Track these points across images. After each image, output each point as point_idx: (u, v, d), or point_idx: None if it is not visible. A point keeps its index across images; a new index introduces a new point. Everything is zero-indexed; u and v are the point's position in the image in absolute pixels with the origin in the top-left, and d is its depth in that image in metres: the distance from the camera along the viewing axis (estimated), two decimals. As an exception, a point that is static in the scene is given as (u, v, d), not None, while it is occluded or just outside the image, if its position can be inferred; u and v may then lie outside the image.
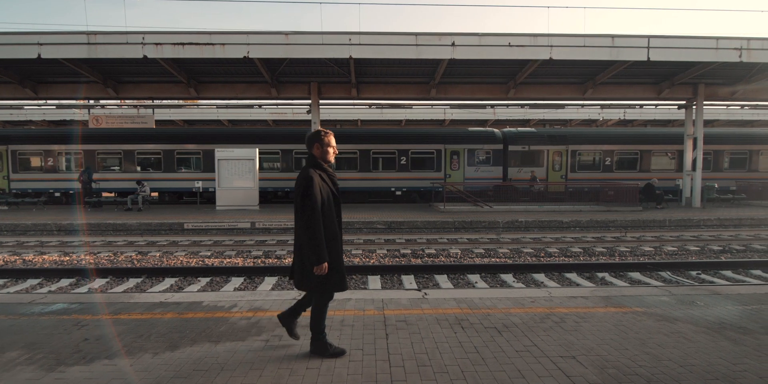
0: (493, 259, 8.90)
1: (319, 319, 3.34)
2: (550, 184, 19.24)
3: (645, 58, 12.77)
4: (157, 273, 7.75)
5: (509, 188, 18.62)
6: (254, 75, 15.23)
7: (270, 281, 7.38)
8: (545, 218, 13.44)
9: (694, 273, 7.74)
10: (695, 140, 16.54)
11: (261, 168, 17.96)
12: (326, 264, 3.07)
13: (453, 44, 12.49)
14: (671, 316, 4.23)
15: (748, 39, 12.83)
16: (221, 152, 16.28)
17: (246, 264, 8.64)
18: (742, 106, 19.00)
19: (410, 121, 27.90)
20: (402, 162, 19.48)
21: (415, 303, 4.73)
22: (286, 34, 12.43)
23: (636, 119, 27.74)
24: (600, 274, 7.61)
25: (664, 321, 4.10)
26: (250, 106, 25.37)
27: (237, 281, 7.45)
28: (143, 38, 12.44)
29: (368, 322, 4.13)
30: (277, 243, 11.04)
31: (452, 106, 26.00)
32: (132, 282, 7.45)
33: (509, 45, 12.54)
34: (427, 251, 9.79)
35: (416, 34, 12.45)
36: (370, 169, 19.42)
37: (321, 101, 20.87)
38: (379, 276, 7.63)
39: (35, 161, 19.22)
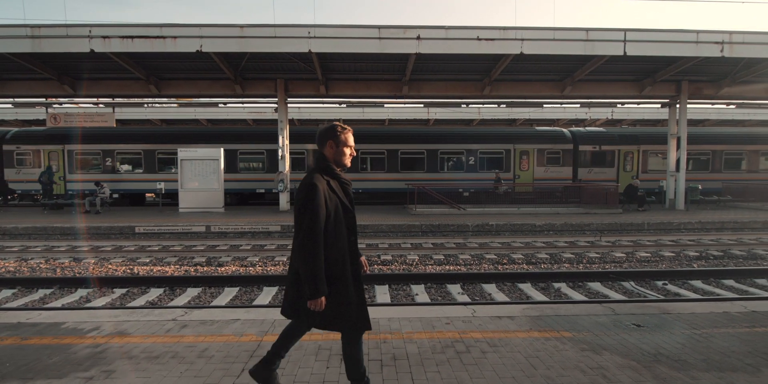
0: (447, 267, 8.20)
1: (284, 342, 2.72)
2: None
3: (621, 53, 12.12)
4: (70, 283, 7.04)
5: (577, 189, 18.03)
6: (217, 71, 14.52)
7: (191, 293, 6.68)
8: (518, 221, 12.76)
9: (660, 283, 7.06)
10: (678, 140, 15.89)
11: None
12: (323, 299, 2.39)
13: (418, 37, 11.81)
14: (600, 345, 3.53)
15: (730, 32, 12.18)
16: (184, 152, 15.58)
17: (175, 273, 7.93)
18: (728, 104, 18.33)
19: (393, 120, 27.23)
20: (470, 162, 18.93)
21: (309, 325, 4.03)
22: (242, 26, 11.76)
23: (624, 118, 27.15)
24: (557, 285, 6.92)
25: (590, 351, 3.40)
26: (214, 105, 24.61)
27: (155, 293, 6.75)
28: (90, 31, 11.76)
29: (234, 352, 3.43)
30: (230, 248, 10.33)
31: (428, 105, 25.26)
32: (40, 293, 6.75)
33: (477, 39, 11.87)
34: (383, 258, 9.10)
35: (379, 27, 11.78)
36: (437, 170, 18.86)
37: (299, 100, 20.42)
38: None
39: (92, 161, 18.47)
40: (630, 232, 12.47)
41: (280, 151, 15.05)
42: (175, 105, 24.92)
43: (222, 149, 15.82)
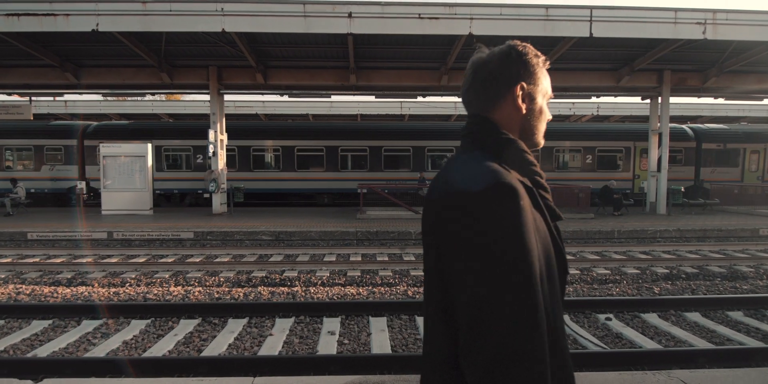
0: (347, 291, 6.58)
1: None
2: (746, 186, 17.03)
3: (587, 34, 10.47)
4: None
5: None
6: (139, 57, 12.88)
7: (-17, 330, 5.08)
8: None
9: (602, 317, 5.44)
10: (660, 136, 14.24)
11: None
12: None
13: (350, 15, 10.18)
14: None
15: (714, 11, 10.52)
16: (107, 148, 13.98)
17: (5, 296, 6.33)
18: (716, 97, 16.69)
19: (365, 116, 25.62)
20: (588, 160, 17.67)
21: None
22: (144, 2, 10.12)
23: (611, 115, 25.48)
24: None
25: None
26: (139, 97, 22.99)
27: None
28: (-32, 7, 10.14)
29: None
30: (121, 260, 8.73)
31: (381, 96, 23.35)
32: None
33: (419, 16, 10.22)
34: (286, 275, 7.54)
35: (304, 3, 10.14)
36: (554, 169, 17.63)
37: (266, 93, 18.72)
38: (150, 319, 5.35)
39: (182, 158, 17.47)
40: (597, 242, 10.84)
41: (211, 146, 13.42)
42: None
43: (149, 145, 14.20)
